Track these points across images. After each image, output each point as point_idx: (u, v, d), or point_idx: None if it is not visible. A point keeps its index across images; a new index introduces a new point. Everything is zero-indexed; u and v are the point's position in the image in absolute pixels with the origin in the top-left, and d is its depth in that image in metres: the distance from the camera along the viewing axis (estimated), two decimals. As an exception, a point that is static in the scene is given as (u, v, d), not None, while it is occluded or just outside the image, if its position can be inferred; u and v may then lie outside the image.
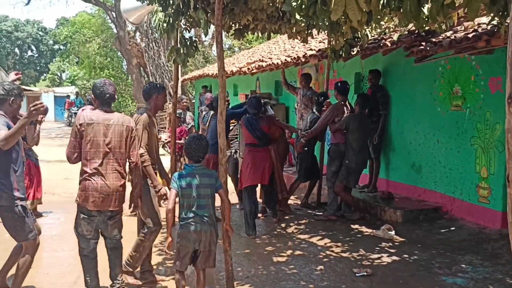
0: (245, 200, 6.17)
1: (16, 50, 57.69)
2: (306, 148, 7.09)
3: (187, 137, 6.74)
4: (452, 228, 5.90)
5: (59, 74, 48.74)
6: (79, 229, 3.86)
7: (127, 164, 4.00)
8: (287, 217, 6.85)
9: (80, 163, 3.83)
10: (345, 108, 6.74)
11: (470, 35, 5.19)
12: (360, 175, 6.68)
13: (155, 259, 5.03)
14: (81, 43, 31.14)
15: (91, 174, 3.75)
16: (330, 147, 6.91)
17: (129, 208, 4.14)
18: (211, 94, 13.46)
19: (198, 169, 3.75)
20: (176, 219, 4.90)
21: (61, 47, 49.25)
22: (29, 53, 59.11)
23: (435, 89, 6.57)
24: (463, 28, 5.67)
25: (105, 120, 3.80)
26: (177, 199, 3.76)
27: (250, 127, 6.13)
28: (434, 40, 5.78)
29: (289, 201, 7.63)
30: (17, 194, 3.76)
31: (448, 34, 5.75)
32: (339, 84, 6.88)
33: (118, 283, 4.02)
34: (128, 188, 4.03)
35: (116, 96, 4.00)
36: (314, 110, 7.23)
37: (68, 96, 33.25)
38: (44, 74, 55.25)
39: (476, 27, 5.40)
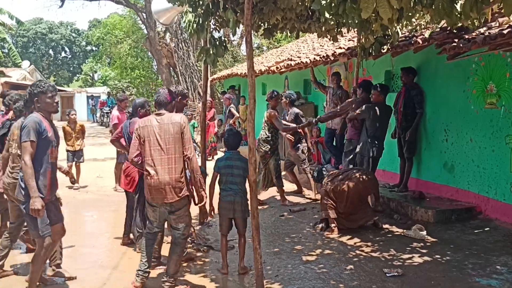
0: None
1: (50, 51, 59.33)
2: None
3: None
4: (486, 229, 5.76)
5: (91, 74, 49.92)
6: (148, 213, 4.39)
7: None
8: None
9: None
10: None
11: (505, 31, 5.06)
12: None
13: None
14: (112, 44, 31.77)
15: (146, 170, 4.21)
16: (344, 143, 7.38)
17: (195, 202, 4.47)
18: (229, 94, 14.07)
19: (233, 155, 4.88)
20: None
21: (94, 48, 50.41)
22: (63, 54, 60.70)
23: (468, 86, 6.43)
24: (497, 24, 5.53)
25: (157, 120, 4.25)
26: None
27: None
28: (467, 36, 5.66)
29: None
30: None
31: (481, 30, 5.62)
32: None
33: (166, 279, 4.28)
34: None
35: (162, 99, 4.34)
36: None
37: (91, 97, 34.03)
38: (77, 75, 56.65)
39: (511, 23, 5.27)
